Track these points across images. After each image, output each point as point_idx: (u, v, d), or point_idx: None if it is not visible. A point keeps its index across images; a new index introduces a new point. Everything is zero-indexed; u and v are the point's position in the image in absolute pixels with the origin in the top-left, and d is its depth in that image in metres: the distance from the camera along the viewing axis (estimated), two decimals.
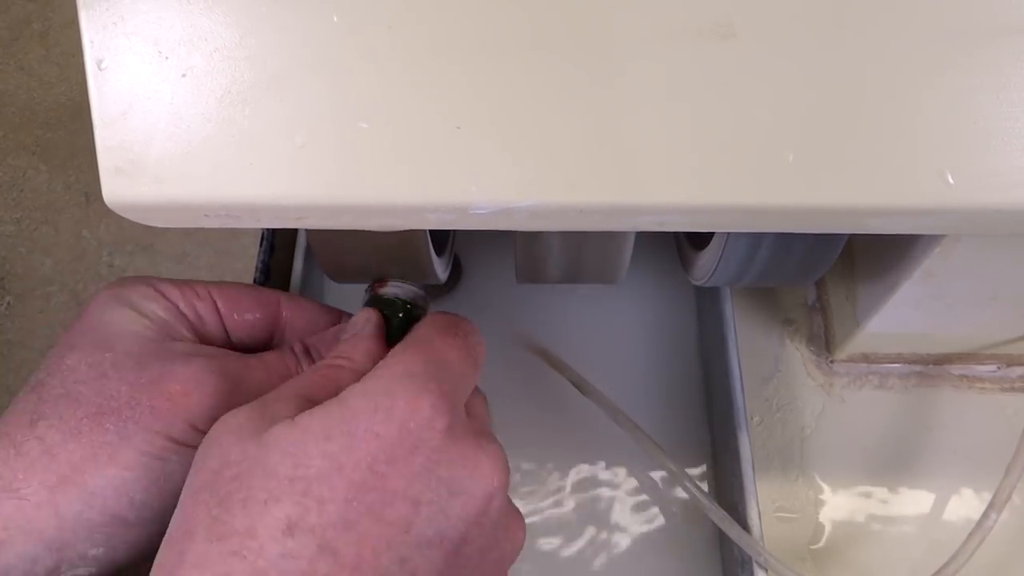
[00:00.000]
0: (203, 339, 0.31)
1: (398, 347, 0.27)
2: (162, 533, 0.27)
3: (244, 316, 0.32)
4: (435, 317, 0.29)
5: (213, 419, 0.26)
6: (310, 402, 0.25)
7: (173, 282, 0.31)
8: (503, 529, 0.25)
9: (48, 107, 0.52)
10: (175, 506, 0.26)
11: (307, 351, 0.30)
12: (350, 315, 0.33)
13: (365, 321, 0.30)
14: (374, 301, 0.32)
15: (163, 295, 0.30)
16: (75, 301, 0.48)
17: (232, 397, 0.27)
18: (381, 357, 0.27)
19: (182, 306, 0.30)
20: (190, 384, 0.27)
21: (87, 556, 0.26)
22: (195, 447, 0.26)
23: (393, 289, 0.32)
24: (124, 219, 0.24)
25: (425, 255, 0.31)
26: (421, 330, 0.28)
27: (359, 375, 0.26)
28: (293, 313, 0.33)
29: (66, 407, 0.26)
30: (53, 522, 0.25)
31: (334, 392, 0.25)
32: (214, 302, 0.31)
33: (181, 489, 0.26)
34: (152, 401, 0.27)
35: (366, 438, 0.23)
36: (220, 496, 0.22)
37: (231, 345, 0.32)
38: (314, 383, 0.27)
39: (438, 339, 0.27)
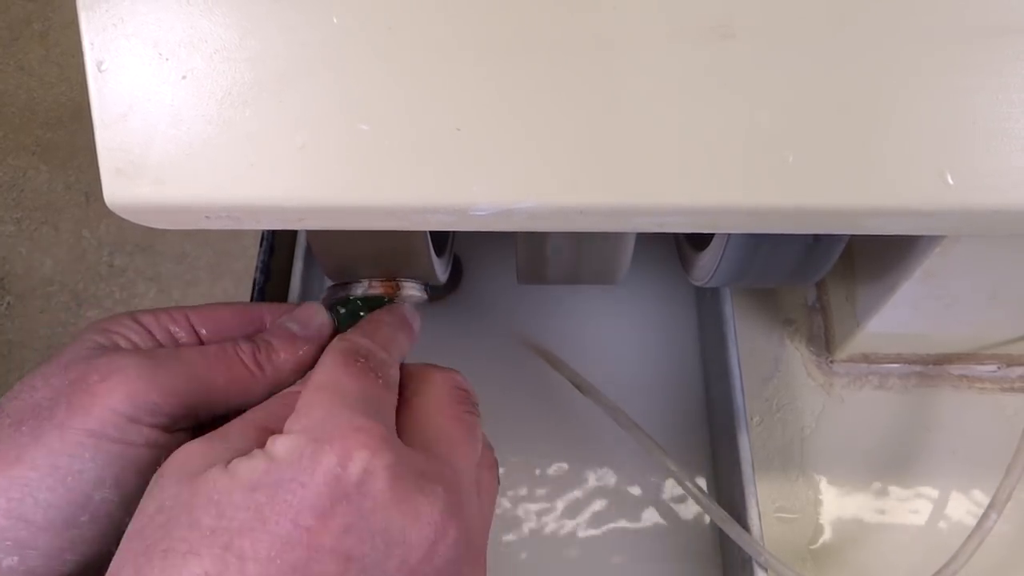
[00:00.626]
0: None
1: (310, 385, 0.25)
2: (76, 544, 0.26)
3: (227, 333, 0.30)
4: (335, 348, 0.28)
5: (140, 405, 0.25)
6: (268, 432, 0.24)
7: (151, 310, 0.30)
8: (465, 564, 0.23)
9: (48, 107, 0.52)
10: (85, 510, 0.25)
11: (251, 338, 0.29)
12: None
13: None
14: (341, 304, 0.32)
15: (136, 322, 0.29)
16: (75, 301, 0.48)
17: (160, 376, 0.26)
18: None
19: (155, 331, 0.29)
20: (111, 369, 0.26)
21: (0, 566, 0.25)
22: (119, 440, 0.25)
23: (355, 289, 0.32)
24: (124, 219, 0.24)
25: (425, 256, 0.31)
26: (327, 362, 0.27)
27: None
28: (274, 321, 0.32)
29: None
30: None
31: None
32: (191, 325, 0.30)
33: (93, 490, 0.25)
34: (70, 398, 0.26)
35: (291, 488, 0.21)
36: (146, 545, 0.21)
37: None
38: (275, 412, 0.26)
39: (345, 373, 0.26)
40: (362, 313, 0.32)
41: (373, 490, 0.22)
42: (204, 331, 0.30)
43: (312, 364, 0.29)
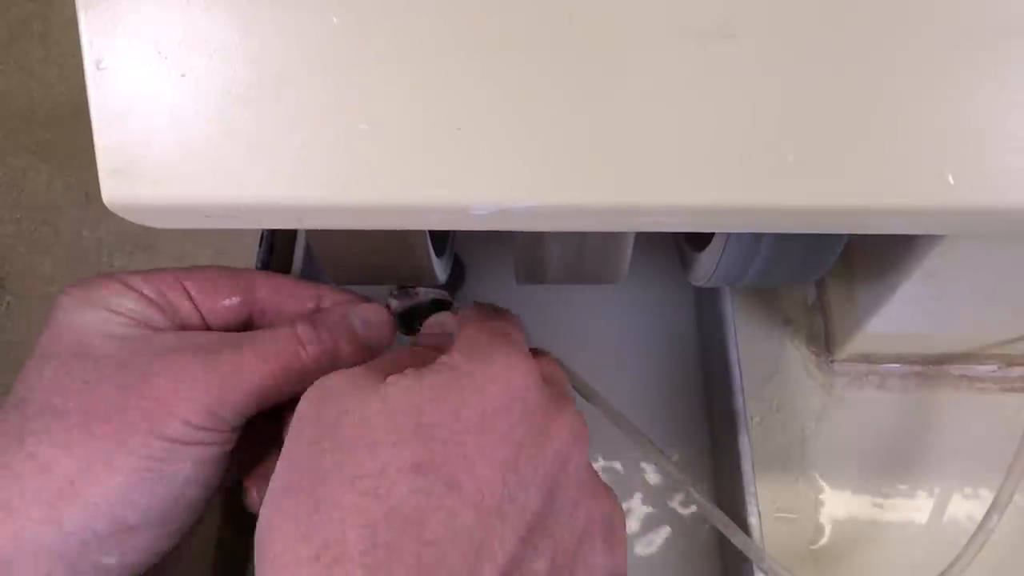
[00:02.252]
0: (181, 326, 0.30)
1: (468, 324, 0.29)
2: (172, 533, 0.27)
3: (218, 301, 0.31)
4: (485, 305, 0.31)
5: (207, 411, 0.27)
6: (405, 369, 0.26)
7: (139, 273, 0.30)
8: (589, 487, 0.26)
9: (48, 107, 0.52)
10: (178, 505, 0.27)
11: (315, 333, 0.30)
12: (328, 288, 0.33)
13: (446, 323, 0.32)
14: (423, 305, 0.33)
15: (131, 288, 0.29)
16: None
17: (226, 388, 0.27)
18: None
19: (153, 296, 0.30)
20: (177, 380, 0.27)
21: (100, 565, 0.26)
22: (194, 443, 0.27)
23: (421, 295, 0.33)
24: (124, 219, 0.24)
25: (425, 256, 0.31)
26: (477, 313, 0.30)
27: None
28: (270, 292, 0.32)
29: (53, 420, 0.26)
30: (59, 537, 0.25)
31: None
32: (184, 288, 0.30)
33: (184, 487, 0.27)
34: (140, 402, 0.26)
35: (475, 391, 0.25)
36: (346, 442, 0.23)
37: (209, 329, 0.31)
38: (414, 357, 0.28)
39: (496, 319, 0.30)
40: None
41: (532, 398, 0.26)
42: (195, 293, 0.31)
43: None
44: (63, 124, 0.53)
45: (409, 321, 0.33)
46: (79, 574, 0.25)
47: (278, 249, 0.42)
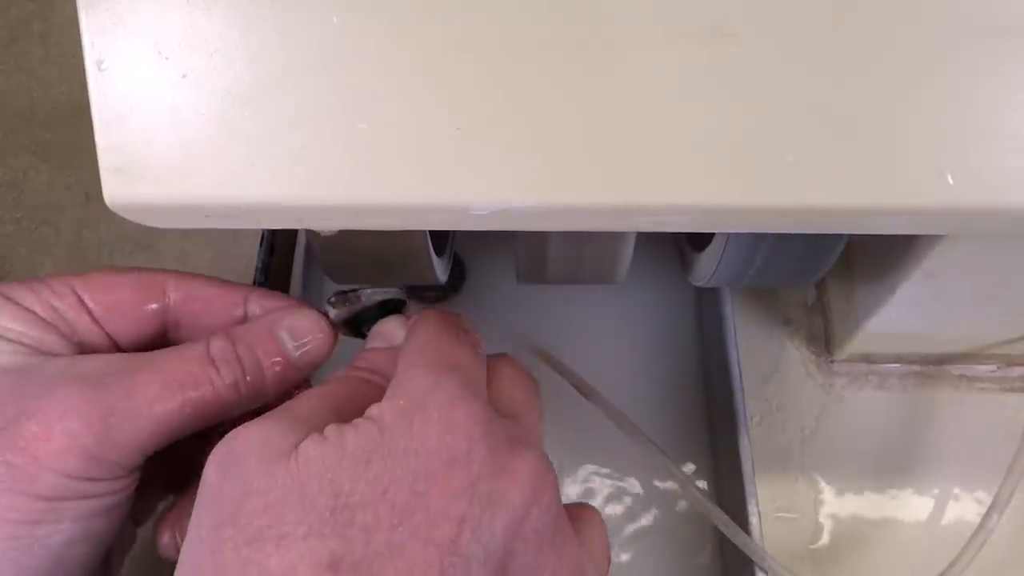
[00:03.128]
0: (80, 346, 0.26)
1: (408, 354, 0.25)
2: None
3: (122, 309, 0.26)
4: (431, 319, 0.27)
5: (89, 458, 0.23)
6: (340, 417, 0.23)
7: (29, 284, 0.26)
8: (551, 546, 0.23)
9: (48, 107, 0.52)
10: (63, 567, 0.23)
11: (233, 352, 0.26)
12: (257, 289, 0.29)
13: (392, 332, 0.28)
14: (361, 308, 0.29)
15: (20, 306, 0.25)
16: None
17: (113, 426, 0.23)
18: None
19: (45, 315, 0.25)
20: (51, 423, 0.22)
21: None
22: (73, 498, 0.23)
23: (365, 297, 0.29)
24: (125, 219, 0.24)
25: (425, 255, 0.31)
26: (424, 333, 0.26)
27: (383, 392, 0.24)
28: (184, 295, 0.28)
29: None
30: None
31: (362, 408, 0.23)
32: (78, 298, 0.26)
33: (64, 550, 0.23)
34: (7, 456, 0.22)
35: (406, 456, 0.21)
36: (249, 533, 0.20)
37: (117, 347, 0.27)
38: (344, 397, 0.24)
39: (445, 342, 0.25)
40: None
41: (477, 456, 0.22)
42: (93, 304, 0.26)
43: (297, 385, 0.27)
44: (63, 124, 0.53)
45: (357, 325, 0.29)
46: None
47: (278, 249, 0.42)
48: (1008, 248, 0.34)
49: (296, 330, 0.27)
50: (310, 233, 0.31)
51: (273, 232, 0.42)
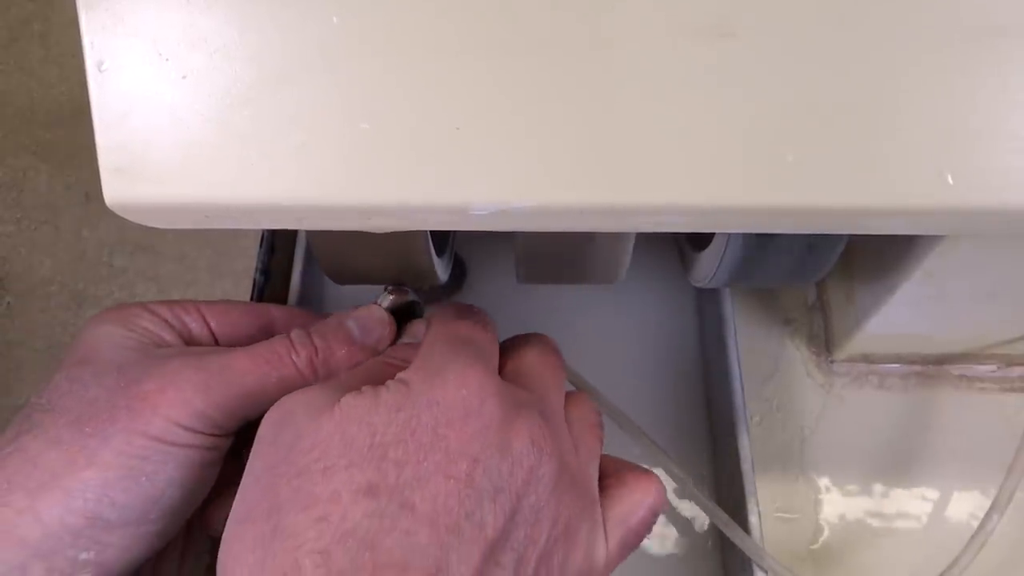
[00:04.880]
0: (193, 345, 0.31)
1: (428, 336, 0.29)
2: (149, 535, 0.27)
3: (235, 329, 0.32)
4: (446, 308, 0.31)
5: (194, 411, 0.27)
6: (373, 383, 0.26)
7: (162, 302, 0.31)
8: (555, 493, 0.26)
9: (48, 107, 0.52)
10: (157, 507, 0.27)
11: (308, 337, 0.30)
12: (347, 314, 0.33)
13: (419, 331, 0.32)
14: (400, 305, 0.33)
15: (150, 311, 0.31)
16: (75, 301, 0.48)
17: (213, 388, 0.28)
18: None
19: (169, 319, 0.31)
20: (165, 381, 0.27)
21: (76, 561, 0.26)
22: (179, 444, 0.27)
23: (409, 296, 0.33)
24: (125, 219, 0.24)
25: (425, 256, 0.31)
26: (440, 319, 0.30)
27: None
28: (285, 322, 0.33)
29: (48, 419, 0.27)
30: (36, 528, 0.25)
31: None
32: (203, 316, 0.32)
33: (164, 489, 0.27)
34: (129, 402, 0.27)
35: (428, 407, 0.25)
36: (299, 467, 0.24)
37: None
38: (376, 374, 0.28)
39: (459, 323, 0.29)
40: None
41: (487, 410, 0.25)
42: (214, 323, 0.32)
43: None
44: (63, 124, 0.53)
45: (398, 321, 0.33)
46: (53, 568, 0.26)
47: (278, 249, 0.42)
48: (1008, 248, 0.34)
49: (360, 319, 0.32)
50: (310, 233, 0.31)
51: (273, 232, 0.42)
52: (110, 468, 0.26)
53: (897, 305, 0.38)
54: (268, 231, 0.41)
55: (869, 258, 0.40)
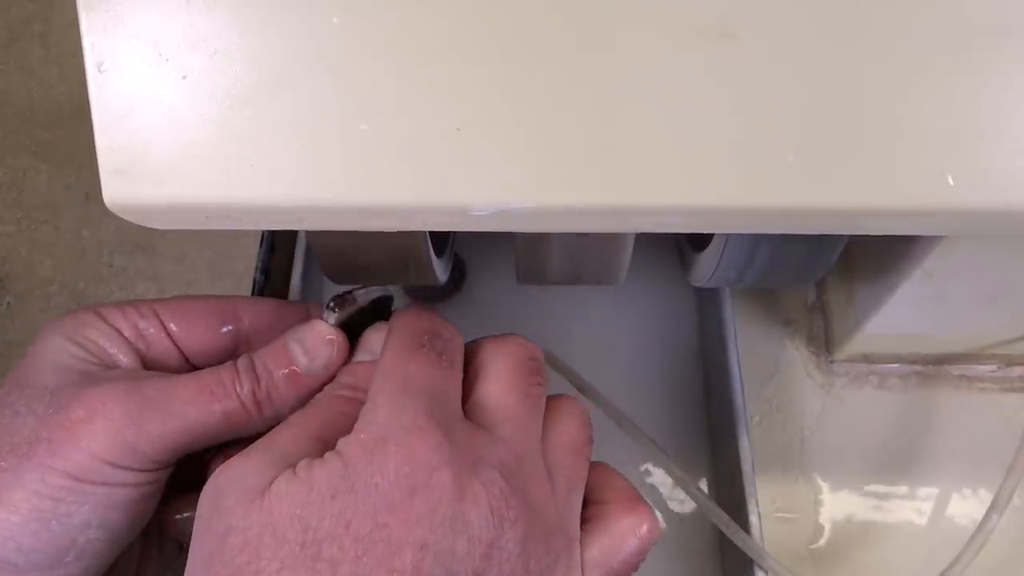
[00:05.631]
0: (151, 363, 0.29)
1: (375, 380, 0.26)
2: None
3: (200, 330, 0.29)
4: (401, 329, 0.27)
5: (123, 444, 0.25)
6: (321, 443, 0.24)
7: (117, 305, 0.29)
8: (522, 560, 0.23)
9: (48, 107, 0.52)
10: (71, 552, 0.25)
11: (251, 365, 0.28)
12: (318, 305, 0.30)
13: (375, 344, 0.29)
14: (348, 316, 0.29)
15: (103, 319, 0.28)
16: (75, 301, 0.48)
17: (148, 419, 0.25)
18: None
19: (124, 329, 0.28)
20: (95, 408, 0.25)
21: None
22: (102, 483, 0.25)
23: (360, 298, 0.30)
24: (124, 219, 0.24)
25: (425, 256, 0.31)
26: (391, 353, 0.26)
27: None
28: (254, 318, 0.30)
29: None
30: None
31: (347, 428, 0.24)
32: (160, 320, 0.29)
33: (79, 532, 0.25)
34: (51, 433, 0.25)
35: (367, 491, 0.22)
36: (232, 570, 0.22)
37: (190, 366, 0.30)
38: (323, 421, 0.26)
39: (410, 363, 0.26)
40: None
41: (436, 483, 0.23)
42: (173, 326, 0.29)
43: (315, 391, 0.28)
44: (63, 124, 0.53)
45: (356, 329, 0.30)
46: None
47: (278, 249, 0.42)
48: (1008, 248, 0.34)
49: (304, 341, 0.28)
50: (310, 234, 0.31)
51: (273, 232, 0.42)
52: (18, 511, 0.24)
53: (897, 305, 0.38)
54: (268, 231, 0.41)
55: (869, 258, 0.40)
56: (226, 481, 0.23)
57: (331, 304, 0.29)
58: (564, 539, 0.25)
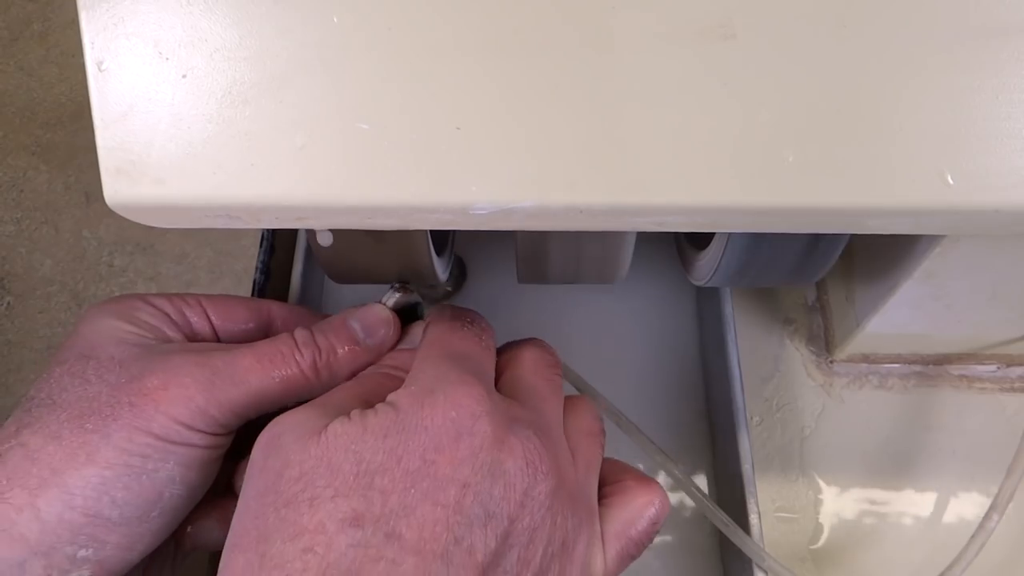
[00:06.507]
0: (195, 340, 0.31)
1: (421, 350, 0.29)
2: (149, 533, 0.27)
3: (236, 324, 0.32)
4: (442, 315, 0.30)
5: (197, 409, 0.27)
6: (366, 404, 0.26)
7: (163, 295, 0.31)
8: (550, 514, 0.25)
9: (48, 107, 0.52)
10: (157, 505, 0.27)
11: (312, 337, 0.30)
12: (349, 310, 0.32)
13: (417, 335, 0.31)
14: (405, 306, 0.32)
15: (151, 304, 0.30)
16: (75, 301, 0.48)
17: (216, 386, 0.28)
18: None
19: (171, 313, 0.31)
20: (168, 378, 0.27)
21: (75, 558, 0.26)
22: (180, 443, 0.27)
23: (414, 296, 0.33)
24: (125, 219, 0.24)
25: (425, 255, 0.31)
26: (435, 331, 0.29)
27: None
28: (285, 318, 0.33)
29: (49, 413, 0.27)
30: (35, 525, 0.25)
31: (385, 397, 0.26)
32: (204, 311, 0.31)
33: (165, 487, 0.27)
34: (131, 399, 0.27)
35: (417, 431, 0.24)
36: (287, 497, 0.23)
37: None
38: (370, 389, 0.28)
39: (453, 336, 0.29)
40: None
41: (479, 430, 0.25)
42: (216, 319, 0.32)
43: (367, 366, 0.31)
44: (63, 124, 0.53)
45: (402, 320, 0.32)
46: (52, 565, 0.26)
47: (278, 249, 0.42)
48: (1008, 248, 0.34)
49: (364, 319, 0.31)
50: (310, 234, 0.31)
51: (273, 232, 0.42)
52: (111, 466, 0.26)
53: (897, 305, 0.38)
54: (268, 231, 0.41)
55: (869, 258, 0.40)
56: (281, 426, 0.25)
57: (394, 286, 0.32)
58: (586, 509, 0.27)
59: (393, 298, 0.32)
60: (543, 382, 0.29)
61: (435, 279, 0.33)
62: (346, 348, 0.30)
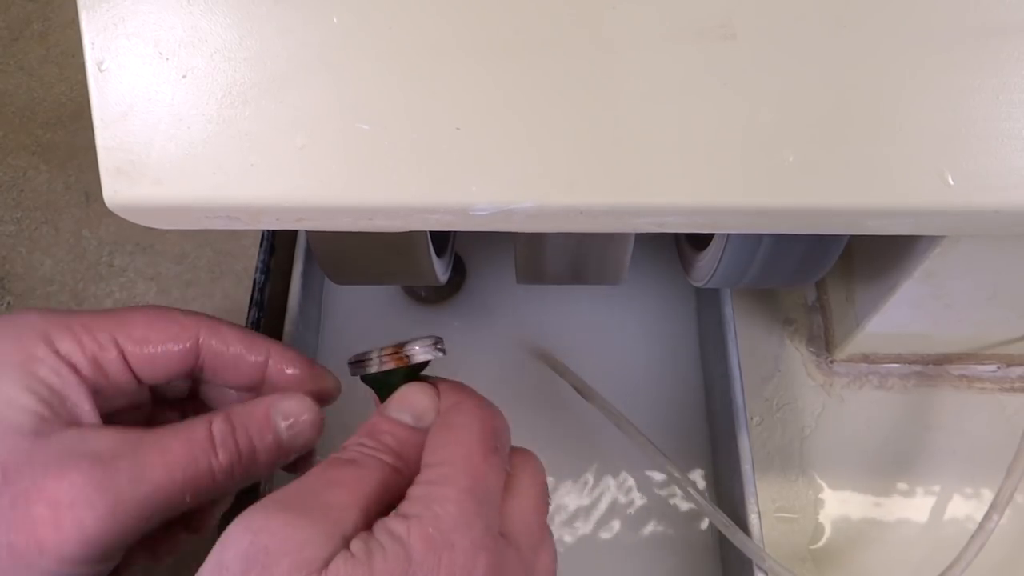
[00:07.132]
0: (106, 390, 0.27)
1: (444, 465, 0.25)
2: None
3: (156, 356, 0.28)
4: (472, 421, 0.26)
5: (91, 544, 0.23)
6: (368, 515, 0.24)
7: (72, 331, 0.27)
8: None
9: (48, 107, 0.52)
10: None
11: (232, 435, 0.27)
12: (278, 345, 0.30)
13: (419, 407, 0.27)
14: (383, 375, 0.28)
15: (57, 355, 0.26)
16: (75, 301, 0.48)
17: (119, 512, 0.24)
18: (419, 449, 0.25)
19: (80, 365, 0.26)
20: (63, 504, 0.23)
21: None
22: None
23: (373, 364, 0.28)
24: (124, 219, 0.24)
25: (425, 256, 0.31)
26: (462, 442, 0.25)
27: (408, 480, 0.25)
28: (218, 343, 0.29)
29: None
30: None
31: (393, 502, 0.24)
32: (118, 348, 0.27)
33: None
34: (11, 536, 0.23)
35: None
36: None
37: (144, 388, 0.29)
38: (374, 489, 0.25)
39: (484, 464, 0.25)
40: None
41: None
42: (134, 360, 0.28)
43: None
44: (63, 124, 0.53)
45: (380, 383, 0.28)
46: None
47: (278, 249, 0.42)
48: (1008, 248, 0.34)
49: (289, 413, 0.28)
50: (310, 233, 0.31)
51: (273, 232, 0.42)
52: None
53: (897, 305, 0.38)
54: (268, 231, 0.41)
55: (869, 258, 0.40)
56: (277, 545, 0.22)
57: (381, 351, 0.28)
58: None
59: (420, 354, 0.27)
60: (542, 525, 0.27)
61: (435, 280, 0.33)
62: (269, 450, 0.27)
